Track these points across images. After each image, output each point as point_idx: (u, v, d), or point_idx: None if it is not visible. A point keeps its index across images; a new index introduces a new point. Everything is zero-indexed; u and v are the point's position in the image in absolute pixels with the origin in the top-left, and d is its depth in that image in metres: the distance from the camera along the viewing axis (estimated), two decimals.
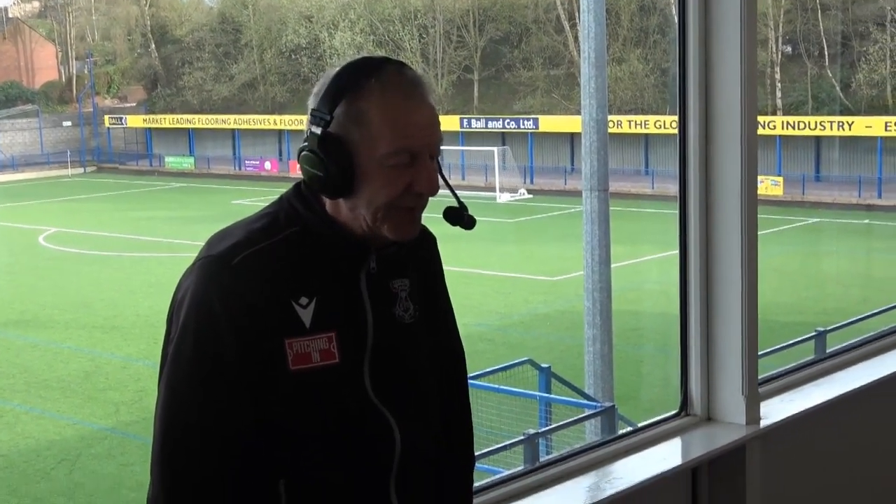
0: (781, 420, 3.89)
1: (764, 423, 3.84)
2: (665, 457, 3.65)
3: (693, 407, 3.87)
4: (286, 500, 2.17)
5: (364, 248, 2.20)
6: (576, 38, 48.89)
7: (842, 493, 4.28)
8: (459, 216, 2.24)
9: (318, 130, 2.12)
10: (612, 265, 14.26)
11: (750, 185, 3.70)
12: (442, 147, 2.21)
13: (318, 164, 2.12)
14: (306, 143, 2.15)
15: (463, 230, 2.29)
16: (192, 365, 2.11)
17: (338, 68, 2.17)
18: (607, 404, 10.96)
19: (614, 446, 3.62)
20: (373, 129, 2.11)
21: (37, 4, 67.94)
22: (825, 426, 4.16)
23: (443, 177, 2.20)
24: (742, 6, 3.65)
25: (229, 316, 2.08)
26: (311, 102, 2.17)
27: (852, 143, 38.30)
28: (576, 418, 11.13)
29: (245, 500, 2.16)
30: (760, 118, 3.66)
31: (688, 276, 3.83)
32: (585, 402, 12.11)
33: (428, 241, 2.38)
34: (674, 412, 3.94)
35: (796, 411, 3.99)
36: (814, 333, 12.11)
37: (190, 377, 2.11)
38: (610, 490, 3.34)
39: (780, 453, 3.93)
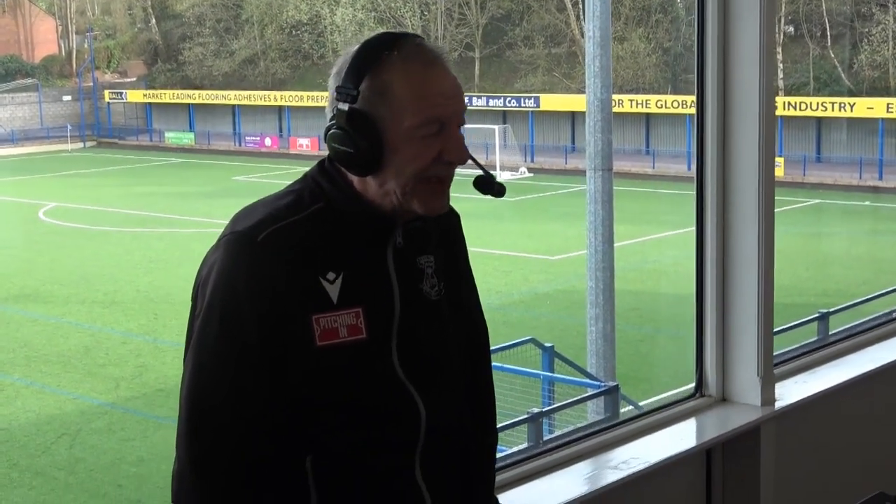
0: (796, 402, 3.89)
1: (779, 404, 3.83)
2: (681, 438, 3.65)
3: (708, 388, 3.87)
4: (313, 477, 2.17)
5: (390, 222, 2.19)
6: (577, 17, 48.76)
7: (855, 475, 4.27)
8: (490, 185, 2.24)
9: (344, 107, 2.12)
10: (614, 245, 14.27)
11: (767, 165, 3.69)
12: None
13: (348, 140, 2.11)
14: (333, 122, 2.14)
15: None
16: (218, 341, 2.10)
17: (357, 46, 2.16)
18: (611, 384, 10.96)
19: (630, 426, 3.62)
20: (399, 101, 2.11)
21: None
22: (839, 408, 4.16)
23: (464, 146, 2.20)
24: None
25: (255, 292, 2.08)
26: (333, 81, 2.17)
27: (854, 125, 38.26)
28: (580, 397, 11.12)
29: (272, 477, 2.16)
30: None
31: (704, 257, 3.82)
32: (588, 381, 12.10)
33: (453, 218, 2.38)
34: (688, 393, 3.94)
35: (811, 393, 3.99)
36: (816, 315, 12.11)
37: (216, 354, 2.11)
38: (626, 471, 3.34)
39: (794, 435, 3.93)
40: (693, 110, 3.60)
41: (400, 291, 2.20)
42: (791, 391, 3.97)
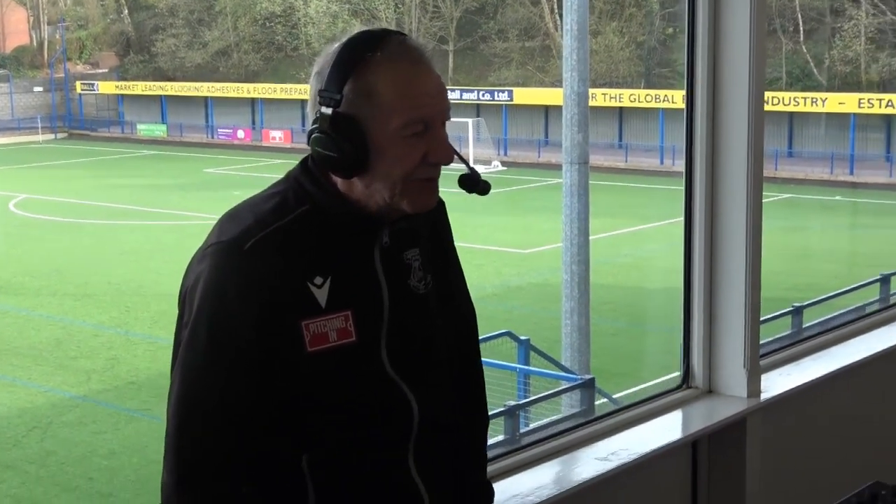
0: (781, 393, 3.91)
1: (764, 396, 3.84)
2: (668, 429, 3.65)
3: (695, 379, 3.88)
4: (310, 475, 2.16)
5: (377, 223, 2.18)
6: (552, 11, 48.79)
7: (839, 466, 4.29)
8: (475, 182, 2.23)
9: (328, 111, 2.10)
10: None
11: (756, 159, 3.70)
12: None
13: (331, 144, 2.10)
14: (316, 125, 2.13)
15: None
16: (207, 350, 2.09)
17: (338, 45, 2.14)
18: (588, 377, 10.98)
19: (616, 418, 3.62)
20: (384, 102, 2.09)
21: None
22: (824, 400, 4.18)
23: (449, 145, 2.19)
24: None
25: (243, 301, 2.07)
26: (315, 82, 2.15)
27: (826, 120, 38.47)
28: (557, 390, 11.15)
29: (266, 479, 2.16)
30: None
31: (692, 249, 3.83)
32: (564, 374, 12.12)
33: (437, 206, 2.34)
34: (670, 386, 3.94)
35: (795, 385, 4.00)
36: (791, 309, 12.16)
37: (206, 363, 2.09)
38: (614, 461, 3.33)
39: (779, 426, 3.95)
40: (665, 104, 3.60)
41: (388, 291, 2.20)
42: (776, 383, 3.98)
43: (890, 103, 37.92)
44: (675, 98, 41.93)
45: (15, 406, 15.83)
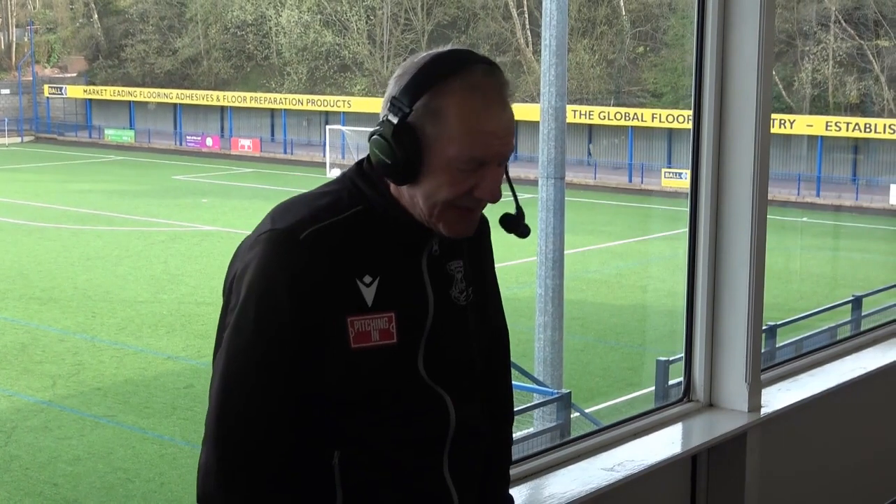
0: (781, 408, 3.91)
1: (764, 411, 3.83)
2: (668, 442, 3.64)
3: (696, 393, 3.88)
4: (339, 472, 2.17)
5: (427, 230, 2.20)
6: (523, 26, 48.96)
7: (837, 482, 4.29)
8: (516, 224, 2.26)
9: (394, 119, 2.12)
10: None
11: (762, 179, 3.75)
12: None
13: (388, 151, 2.12)
14: (380, 128, 2.14)
15: None
16: (254, 335, 2.10)
17: (426, 58, 2.15)
18: (564, 391, 10.98)
19: (617, 431, 3.61)
20: (448, 130, 2.10)
21: None
22: (823, 416, 4.19)
23: (508, 180, 2.23)
24: (762, 3, 3.63)
25: (294, 289, 2.09)
26: (393, 87, 2.16)
27: (793, 141, 38.76)
28: (533, 404, 11.15)
29: (299, 471, 2.16)
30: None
31: (696, 265, 3.85)
32: (539, 388, 12.12)
33: (482, 224, 2.38)
34: (675, 398, 3.93)
35: (795, 400, 4.00)
36: (765, 328, 12.21)
37: (251, 347, 2.11)
38: (618, 474, 3.31)
39: (778, 442, 3.95)
40: (635, 122, 3.63)
41: (434, 299, 2.22)
42: (776, 398, 3.99)
43: (857, 126, 38.26)
44: (645, 116, 42.16)
45: None
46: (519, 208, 2.26)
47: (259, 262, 2.10)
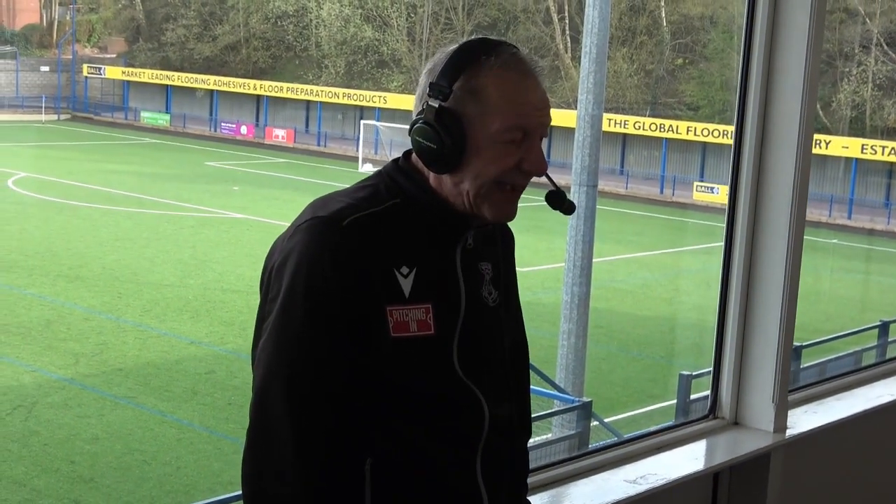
0: (807, 431, 3.89)
1: (790, 432, 3.81)
2: (692, 458, 3.63)
3: (722, 410, 3.87)
4: (370, 481, 2.17)
5: (463, 222, 2.23)
6: (563, 31, 48.90)
7: None
8: (561, 200, 2.29)
9: (435, 103, 2.15)
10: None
11: (801, 199, 3.73)
12: None
13: (433, 136, 2.15)
14: (421, 116, 2.17)
15: None
16: (304, 320, 2.11)
17: (455, 46, 2.21)
18: (585, 400, 10.96)
19: (639, 444, 3.59)
20: (490, 105, 2.14)
21: None
22: (848, 440, 4.16)
23: (544, 158, 2.24)
24: (811, 21, 3.62)
25: (340, 275, 2.10)
26: (426, 78, 2.20)
27: (827, 163, 38.57)
28: (553, 410, 11.13)
29: (344, 463, 2.16)
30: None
31: (729, 282, 3.84)
32: (560, 395, 12.09)
33: (508, 232, 2.44)
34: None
35: (821, 423, 3.97)
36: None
37: (302, 330, 2.11)
38: (641, 487, 3.30)
39: (802, 464, 3.93)
40: (670, 134, 3.62)
41: (466, 292, 2.24)
42: (801, 420, 3.96)
43: (893, 150, 38.04)
44: (680, 128, 42.02)
45: (1, 384, 15.76)
46: (557, 187, 2.30)
47: (303, 249, 2.12)
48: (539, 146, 2.19)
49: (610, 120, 42.46)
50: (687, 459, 3.58)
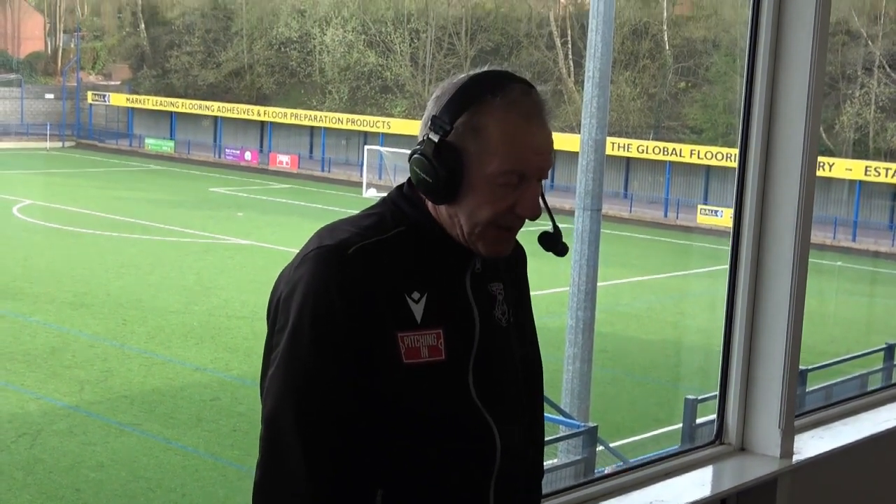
0: (814, 456, 3.88)
1: (796, 457, 3.80)
2: (699, 485, 3.62)
3: (728, 436, 3.85)
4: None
5: (468, 249, 2.23)
6: (566, 56, 49.00)
7: None
8: (554, 242, 2.28)
9: (434, 137, 2.15)
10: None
11: (805, 218, 3.72)
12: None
13: (429, 169, 2.15)
14: (420, 147, 2.17)
15: None
16: (312, 350, 2.11)
17: (464, 78, 2.20)
18: (591, 425, 10.93)
19: (646, 471, 3.58)
20: (489, 145, 2.14)
21: None
22: (855, 465, 4.14)
23: (543, 200, 2.22)
24: (814, 44, 3.62)
25: (348, 301, 2.10)
26: (432, 105, 2.20)
27: (831, 185, 38.57)
28: (559, 436, 11.11)
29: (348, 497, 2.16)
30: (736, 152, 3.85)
31: (734, 306, 3.83)
32: (565, 420, 12.07)
33: (519, 250, 2.42)
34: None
35: (828, 448, 3.95)
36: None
37: (311, 359, 2.11)
38: None
39: (809, 489, 3.91)
40: (673, 158, 3.62)
41: (479, 315, 2.24)
42: (808, 445, 3.95)
43: None
44: (684, 152, 42.05)
45: (6, 411, 15.73)
46: (556, 227, 2.28)
47: (310, 279, 2.12)
48: (535, 190, 2.18)
49: (613, 143, 42.49)
50: (694, 485, 3.57)
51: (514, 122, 2.14)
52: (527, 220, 2.21)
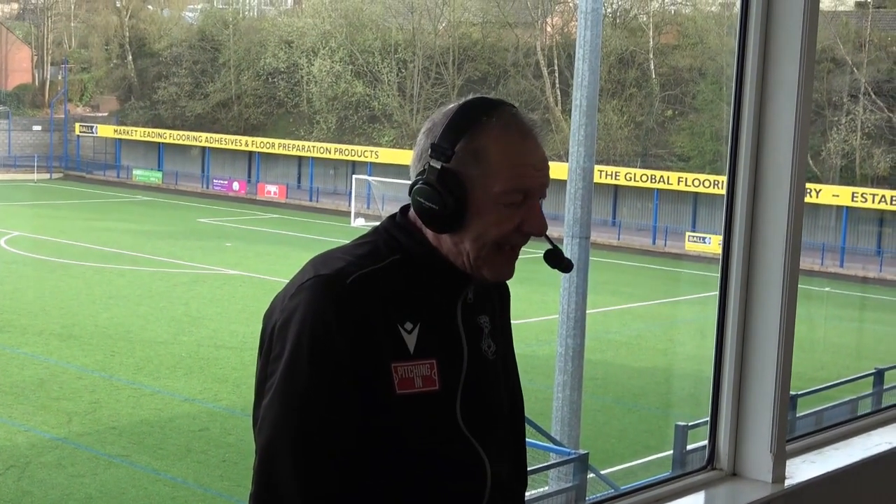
0: (806, 480, 3.88)
1: (788, 482, 3.80)
2: None
3: (720, 461, 3.85)
4: None
5: (464, 277, 2.23)
6: (553, 85, 49.17)
7: None
8: (559, 259, 2.28)
9: (437, 164, 2.16)
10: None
11: (794, 244, 3.75)
12: None
13: (435, 197, 2.15)
14: (421, 177, 2.18)
15: None
16: (311, 379, 2.10)
17: (454, 105, 2.22)
18: (582, 452, 10.92)
19: (639, 496, 3.57)
20: (491, 167, 2.16)
21: (15, 6, 67.54)
22: (847, 490, 4.14)
23: (544, 218, 2.25)
24: (801, 72, 3.65)
25: (345, 332, 2.09)
26: (425, 137, 2.21)
27: (818, 211, 38.70)
28: (549, 463, 11.08)
29: None
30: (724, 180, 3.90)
31: (725, 332, 3.84)
32: (556, 447, 12.04)
33: (503, 284, 2.43)
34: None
35: (819, 472, 3.96)
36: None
37: (306, 393, 2.10)
38: None
39: None
40: (661, 185, 3.64)
41: (468, 346, 2.24)
42: (800, 470, 3.96)
43: (883, 199, 38.20)
44: (671, 179, 42.18)
45: None
46: (555, 245, 2.30)
47: (307, 307, 2.10)
48: (539, 207, 2.20)
49: (601, 171, 42.62)
50: None
51: (512, 140, 2.17)
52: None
